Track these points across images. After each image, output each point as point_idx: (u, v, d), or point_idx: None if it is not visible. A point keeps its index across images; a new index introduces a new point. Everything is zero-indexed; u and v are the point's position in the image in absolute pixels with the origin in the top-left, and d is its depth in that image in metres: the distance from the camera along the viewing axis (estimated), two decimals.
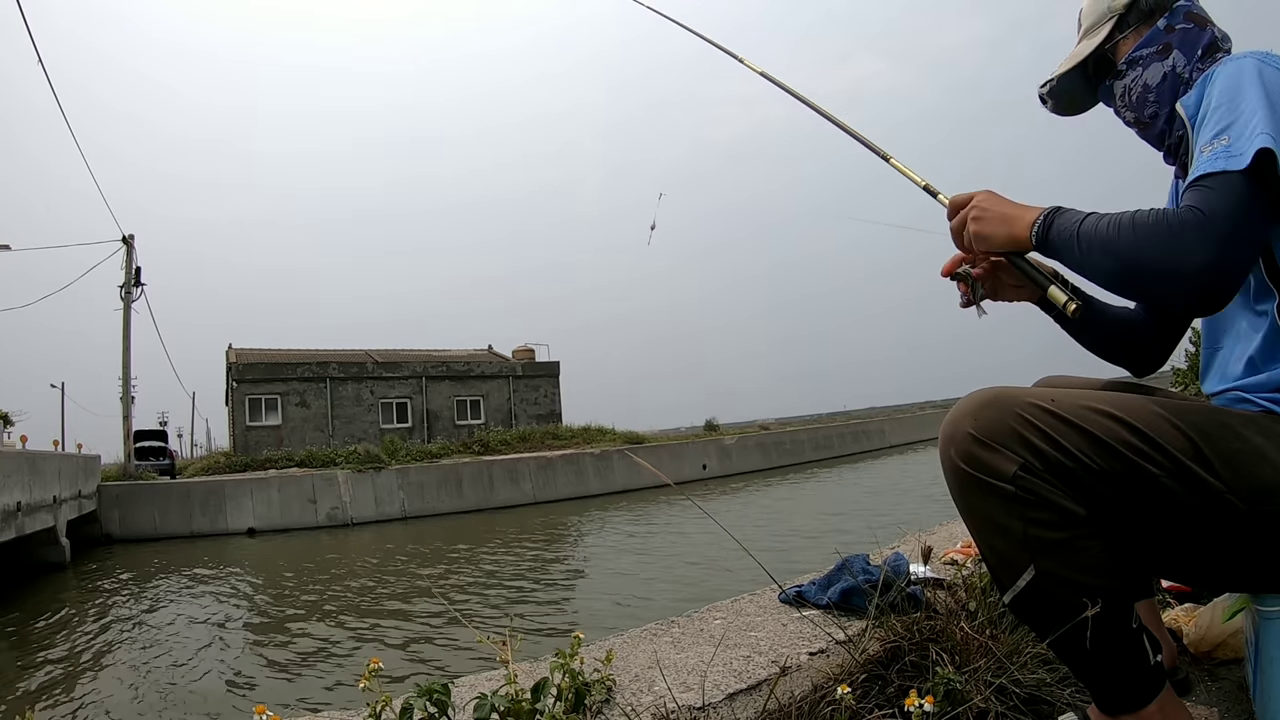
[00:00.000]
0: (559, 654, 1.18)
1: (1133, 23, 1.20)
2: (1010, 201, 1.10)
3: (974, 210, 1.09)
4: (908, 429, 42.47)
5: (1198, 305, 0.94)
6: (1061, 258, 1.02)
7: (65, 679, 7.55)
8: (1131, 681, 0.91)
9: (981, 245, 1.10)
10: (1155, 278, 0.91)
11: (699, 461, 28.07)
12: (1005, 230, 1.07)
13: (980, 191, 1.12)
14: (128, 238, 21.93)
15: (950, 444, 0.95)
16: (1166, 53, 1.16)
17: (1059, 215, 1.02)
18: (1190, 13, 1.17)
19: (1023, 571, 0.90)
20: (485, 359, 33.47)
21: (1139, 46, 1.18)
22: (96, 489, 18.13)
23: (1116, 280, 0.97)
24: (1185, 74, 1.14)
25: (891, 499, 15.84)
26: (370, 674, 1.11)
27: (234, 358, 28.18)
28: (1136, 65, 1.18)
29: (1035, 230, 1.04)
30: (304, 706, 6.00)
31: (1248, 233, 0.89)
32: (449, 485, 22.41)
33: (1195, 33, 1.16)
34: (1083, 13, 1.30)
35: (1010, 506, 0.89)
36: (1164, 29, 1.17)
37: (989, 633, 1.26)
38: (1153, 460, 0.88)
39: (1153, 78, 1.17)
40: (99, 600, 11.74)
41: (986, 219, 1.08)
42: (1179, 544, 0.92)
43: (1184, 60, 1.15)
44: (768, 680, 1.23)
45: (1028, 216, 1.05)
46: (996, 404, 0.94)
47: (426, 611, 9.65)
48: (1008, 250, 1.09)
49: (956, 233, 1.14)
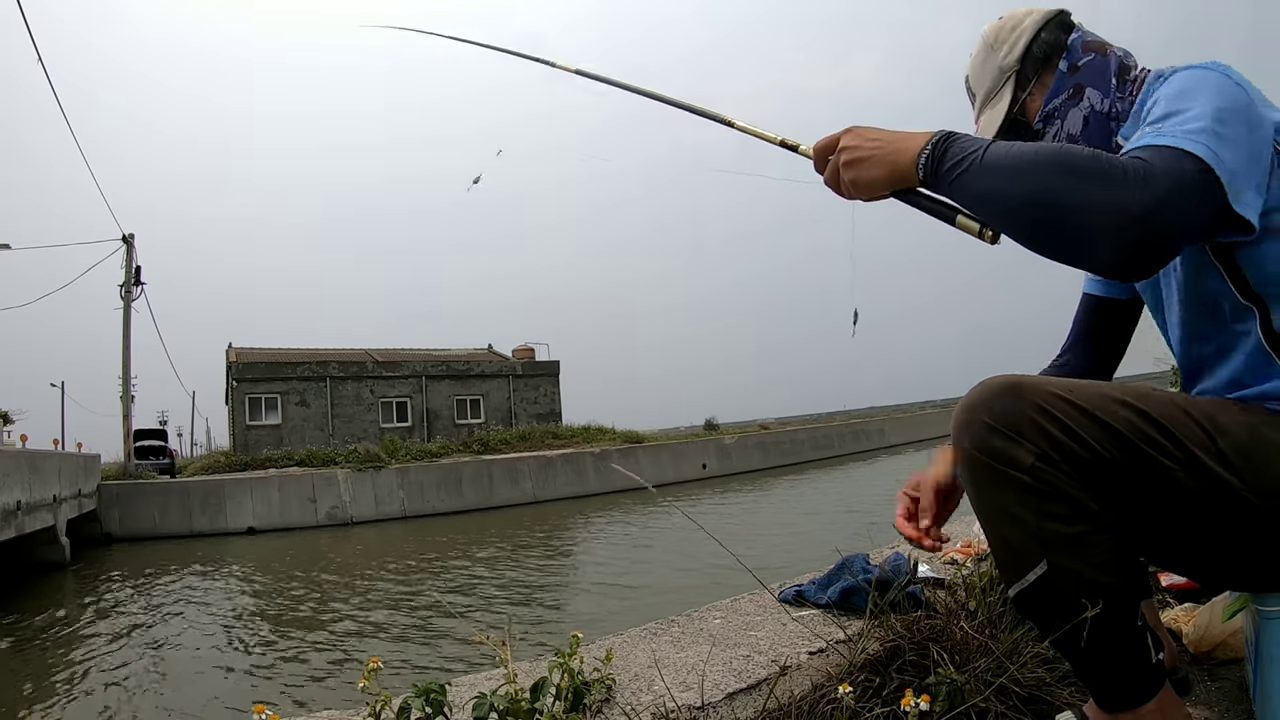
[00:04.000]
0: (558, 653, 1.17)
1: (1032, 75, 1.11)
2: (883, 131, 0.95)
3: (844, 154, 0.95)
4: (908, 429, 42.49)
5: (1127, 259, 0.78)
6: (955, 192, 0.88)
7: (65, 678, 7.54)
8: (1132, 679, 0.91)
9: (863, 192, 0.96)
10: (1082, 214, 0.78)
11: (699, 461, 28.07)
12: (885, 169, 0.92)
13: (846, 130, 0.97)
14: (128, 236, 21.92)
15: (965, 432, 0.91)
16: (1079, 95, 1.08)
17: (952, 141, 0.89)
18: (1088, 43, 1.10)
19: (1034, 565, 0.88)
20: (485, 358, 33.47)
21: (1049, 98, 1.10)
22: (96, 488, 18.13)
23: (1028, 217, 0.82)
24: (1108, 108, 1.07)
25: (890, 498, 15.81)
26: (369, 673, 1.11)
27: (234, 357, 28.18)
28: (1054, 119, 1.10)
29: (923, 160, 0.89)
30: (303, 706, 6.00)
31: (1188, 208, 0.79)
32: (449, 484, 22.41)
33: (1100, 63, 1.09)
34: (970, 80, 1.20)
35: (1025, 498, 0.87)
36: (1068, 71, 1.09)
37: (989, 632, 1.26)
38: (1169, 454, 0.86)
39: (1075, 126, 1.08)
40: (98, 599, 11.74)
41: (862, 161, 0.94)
42: (1189, 539, 0.91)
43: (1100, 95, 1.07)
44: (767, 680, 1.22)
45: (911, 145, 0.91)
46: (1014, 392, 0.89)
47: (426, 611, 9.65)
48: (893, 190, 0.94)
49: (832, 184, 0.99)
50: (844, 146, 0.96)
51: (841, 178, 0.97)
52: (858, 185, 0.95)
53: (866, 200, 0.97)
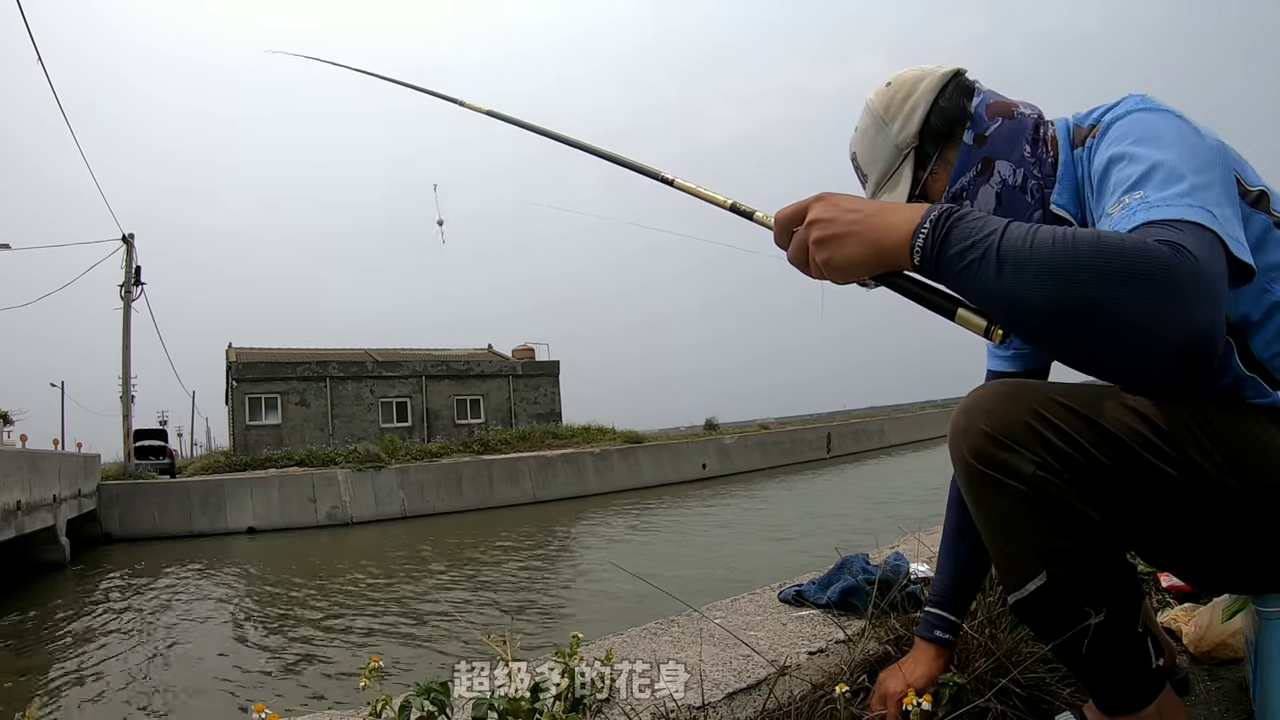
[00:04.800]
0: (558, 653, 1.17)
1: (933, 151, 0.99)
2: (863, 201, 0.82)
3: (815, 229, 0.80)
4: (908, 429, 42.48)
5: (1184, 372, 0.69)
6: (961, 284, 0.75)
7: (65, 678, 7.55)
8: (1132, 684, 0.91)
9: (838, 275, 0.81)
10: (1133, 332, 0.68)
11: (699, 461, 28.06)
12: (868, 249, 0.78)
13: (815, 198, 0.83)
14: (127, 237, 21.91)
15: (962, 439, 0.87)
16: (988, 169, 0.96)
17: (957, 220, 0.75)
18: (992, 106, 0.98)
19: (1033, 576, 0.86)
20: (485, 358, 33.47)
21: (955, 176, 0.97)
22: (96, 488, 18.12)
23: (1059, 328, 0.71)
24: (1021, 179, 0.95)
25: (888, 499, 15.83)
26: (370, 673, 1.11)
27: (234, 357, 28.17)
28: (962, 200, 0.97)
29: (920, 243, 0.76)
30: (304, 705, 6.00)
31: (1222, 288, 0.71)
32: (449, 484, 22.40)
33: (1009, 128, 0.97)
34: (859, 159, 1.06)
35: (1024, 509, 0.84)
36: (974, 143, 0.97)
37: (989, 633, 1.26)
38: (1166, 457, 0.84)
39: (986, 204, 0.96)
40: (98, 599, 11.74)
41: (838, 239, 0.79)
42: (1188, 542, 0.90)
43: (1012, 167, 0.96)
44: (767, 680, 1.22)
45: (900, 221, 0.78)
46: (1011, 398, 0.86)
47: (426, 610, 9.65)
48: (876, 273, 0.81)
49: (798, 262, 0.83)
50: (815, 219, 0.81)
51: (812, 257, 0.81)
52: (832, 267, 0.80)
53: (841, 283, 0.82)
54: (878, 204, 0.81)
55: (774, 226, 0.86)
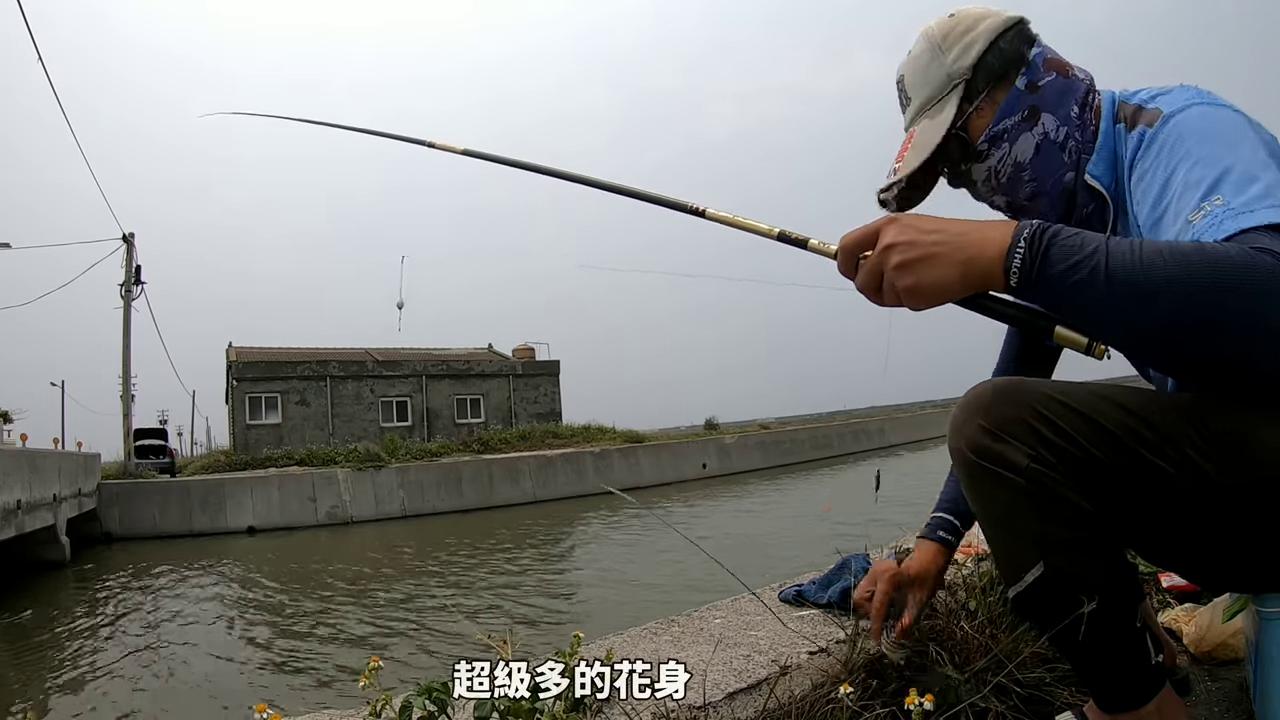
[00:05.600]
0: (558, 653, 1.17)
1: (983, 88, 0.98)
2: (938, 220, 0.78)
3: (895, 254, 0.76)
4: (908, 428, 42.50)
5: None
6: (1065, 303, 0.74)
7: (64, 677, 7.55)
8: (1131, 680, 0.91)
9: (924, 300, 0.77)
10: (1257, 342, 0.70)
11: (699, 461, 28.07)
12: (957, 270, 0.75)
13: (886, 220, 0.79)
14: (128, 236, 21.92)
15: (960, 435, 0.89)
16: (1034, 119, 0.96)
17: (1055, 237, 0.73)
18: (1050, 60, 0.98)
19: (1031, 567, 0.88)
20: (485, 357, 33.47)
21: (999, 118, 0.97)
22: (96, 487, 18.13)
23: (1178, 338, 0.71)
24: (1062, 137, 0.96)
25: (890, 498, 15.82)
26: (370, 672, 1.11)
27: (234, 356, 28.18)
28: (1001, 141, 0.97)
29: (1017, 262, 0.73)
30: (304, 705, 6.00)
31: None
32: (449, 484, 22.41)
33: (1062, 85, 0.97)
34: (906, 82, 1.05)
35: (1021, 500, 0.86)
36: (1025, 89, 0.97)
37: (989, 632, 1.26)
38: (1162, 453, 0.85)
39: (1024, 152, 0.96)
40: (98, 598, 11.75)
41: (923, 261, 0.75)
42: (1186, 539, 0.91)
43: (1057, 123, 0.96)
44: (768, 679, 1.22)
45: (987, 239, 0.75)
46: (1007, 395, 0.87)
47: (426, 610, 9.66)
48: (963, 296, 0.77)
49: (869, 289, 0.79)
50: (892, 243, 0.77)
51: (892, 283, 0.77)
52: (919, 293, 0.76)
53: (921, 309, 0.78)
54: (957, 223, 0.78)
55: (837, 254, 0.82)
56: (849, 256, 0.81)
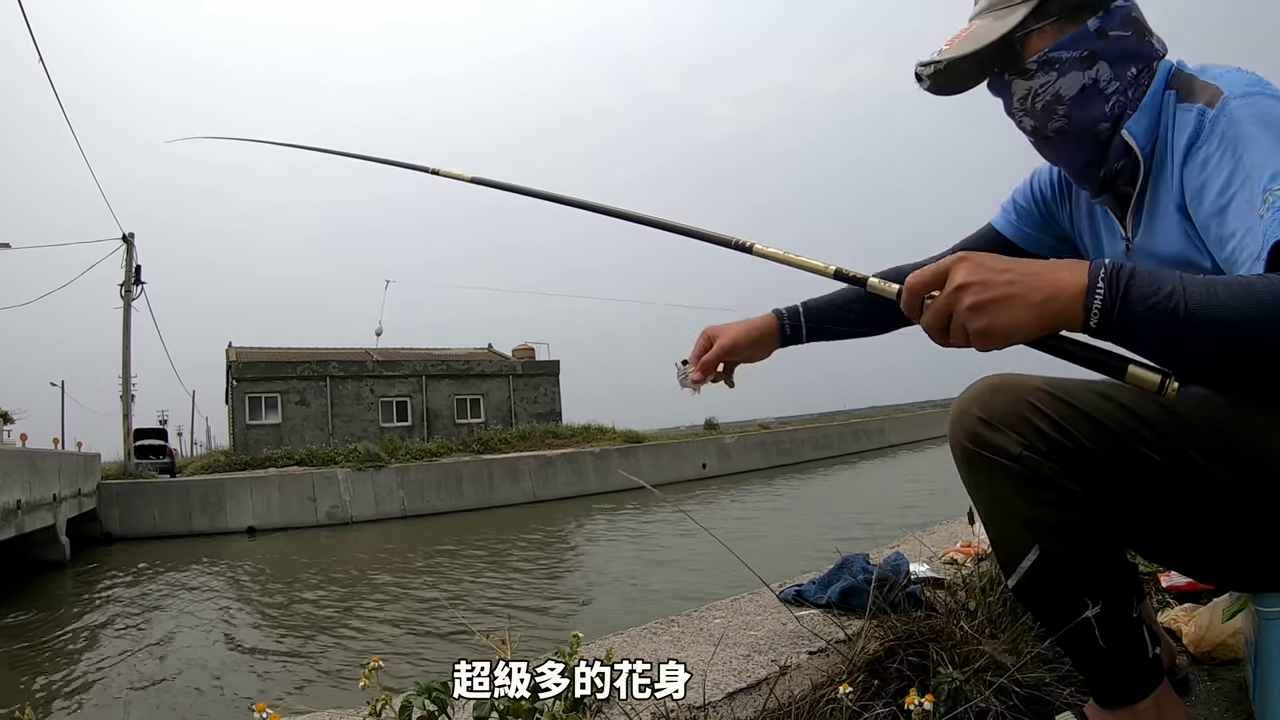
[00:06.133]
0: (558, 653, 1.17)
1: (1055, 13, 0.96)
2: (1009, 260, 0.76)
3: (968, 294, 0.73)
4: (907, 428, 42.50)
5: None
6: (1145, 343, 0.74)
7: (64, 677, 7.55)
8: (1130, 673, 0.92)
9: (998, 341, 0.74)
10: None
11: (699, 461, 28.07)
12: (1033, 312, 0.72)
13: (955, 259, 0.76)
14: (128, 236, 21.91)
15: (958, 426, 0.94)
16: (1090, 62, 0.95)
17: (1131, 279, 0.71)
18: (1129, 17, 0.96)
19: (1027, 552, 0.91)
20: (485, 357, 33.46)
21: (1058, 46, 0.95)
22: (96, 487, 18.13)
23: (1257, 372, 0.76)
24: (1110, 92, 0.95)
25: (888, 498, 15.84)
26: (370, 672, 1.11)
27: (234, 356, 28.17)
28: (1050, 68, 0.96)
29: (1098, 303, 0.71)
30: (304, 704, 6.00)
31: None
32: (449, 484, 22.41)
33: (1132, 43, 0.95)
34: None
35: (1016, 485, 0.89)
36: (1094, 32, 0.95)
37: (988, 632, 1.26)
38: (1154, 447, 0.87)
39: (1068, 88, 0.96)
40: (98, 599, 11.75)
41: (997, 302, 0.72)
42: (1183, 534, 0.92)
43: (1110, 75, 0.95)
44: (767, 679, 1.22)
45: (1061, 279, 0.73)
46: (1004, 388, 0.92)
47: (426, 610, 9.65)
48: (1038, 338, 0.75)
49: (937, 330, 0.77)
50: (965, 284, 0.74)
51: (963, 325, 0.74)
52: (991, 335, 0.73)
53: (991, 350, 0.75)
54: (1028, 263, 0.76)
55: (900, 294, 0.79)
56: (914, 297, 0.78)
